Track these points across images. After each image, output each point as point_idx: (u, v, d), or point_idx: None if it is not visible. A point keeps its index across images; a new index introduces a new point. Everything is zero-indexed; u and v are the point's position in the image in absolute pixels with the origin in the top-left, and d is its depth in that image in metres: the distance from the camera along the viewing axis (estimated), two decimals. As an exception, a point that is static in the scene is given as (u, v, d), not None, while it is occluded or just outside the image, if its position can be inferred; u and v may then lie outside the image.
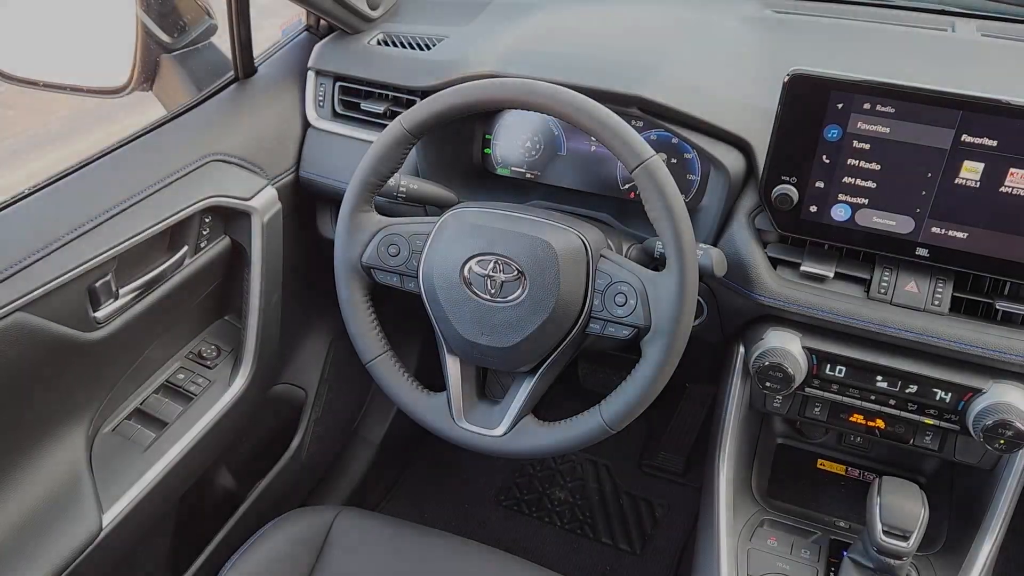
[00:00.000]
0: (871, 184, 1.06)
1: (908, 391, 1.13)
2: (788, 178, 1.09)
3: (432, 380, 1.16)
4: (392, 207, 1.32)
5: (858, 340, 1.14)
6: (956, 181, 1.02)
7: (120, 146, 1.23)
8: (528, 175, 1.41)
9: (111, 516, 1.18)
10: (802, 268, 1.13)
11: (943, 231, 1.05)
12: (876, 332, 1.11)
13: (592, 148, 1.36)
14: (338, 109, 1.45)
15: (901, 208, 1.06)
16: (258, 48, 1.44)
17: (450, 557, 1.21)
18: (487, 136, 1.42)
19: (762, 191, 1.12)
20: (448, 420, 1.12)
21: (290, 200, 1.44)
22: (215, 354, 1.41)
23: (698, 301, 1.24)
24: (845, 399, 1.18)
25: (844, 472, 1.36)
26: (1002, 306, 1.07)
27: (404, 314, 1.41)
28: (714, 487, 1.24)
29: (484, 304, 1.05)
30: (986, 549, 1.14)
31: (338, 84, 1.44)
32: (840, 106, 1.03)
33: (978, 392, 1.09)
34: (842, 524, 1.26)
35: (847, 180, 1.07)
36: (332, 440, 1.89)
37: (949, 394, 1.11)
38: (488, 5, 1.50)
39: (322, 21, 1.50)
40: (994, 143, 0.99)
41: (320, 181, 1.44)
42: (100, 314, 1.13)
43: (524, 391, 1.09)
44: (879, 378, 1.14)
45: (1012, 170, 0.99)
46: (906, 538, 1.02)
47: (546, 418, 1.10)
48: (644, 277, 1.02)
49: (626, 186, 1.35)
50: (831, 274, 1.12)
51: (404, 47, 1.41)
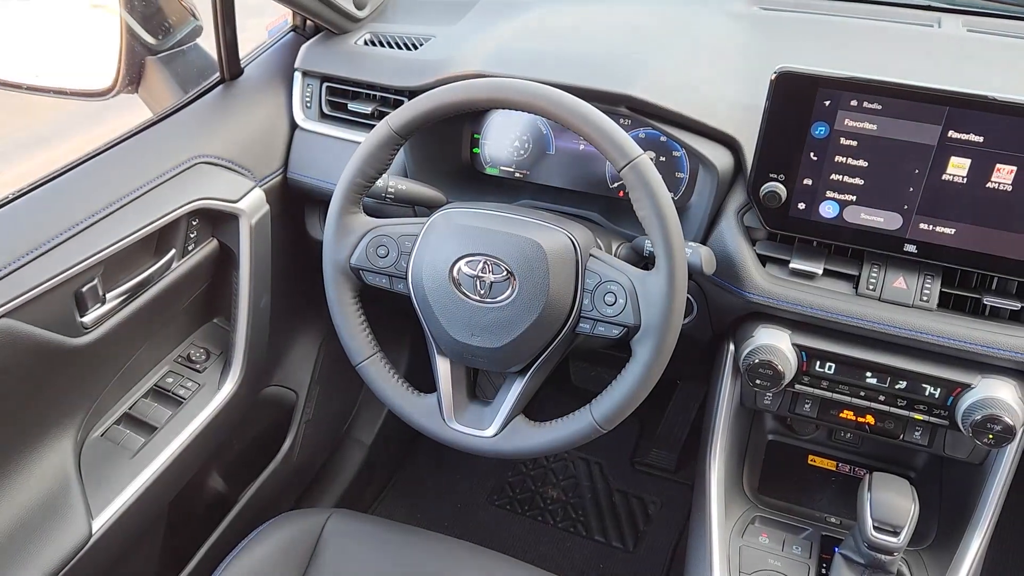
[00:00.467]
0: (859, 181, 1.06)
1: (897, 387, 1.14)
2: (776, 175, 1.09)
3: (423, 381, 1.16)
4: (380, 208, 1.32)
5: (847, 336, 1.14)
6: (943, 177, 1.02)
7: (105, 149, 1.22)
8: (517, 174, 1.41)
9: (101, 522, 1.17)
10: (791, 265, 1.13)
11: (931, 227, 1.05)
12: (865, 328, 1.11)
13: (581, 147, 1.36)
14: (325, 110, 1.44)
15: (889, 205, 1.06)
16: (244, 49, 1.43)
17: (443, 558, 1.21)
18: (475, 136, 1.42)
19: (750, 189, 1.12)
20: (439, 421, 1.12)
21: (278, 202, 1.43)
22: (204, 357, 1.41)
23: (688, 299, 1.24)
24: (835, 395, 1.18)
25: (835, 468, 1.37)
26: (990, 301, 1.07)
27: (394, 315, 1.41)
28: (705, 484, 1.24)
29: (474, 305, 1.05)
30: (976, 543, 1.14)
31: (325, 85, 1.43)
32: (827, 103, 1.03)
33: (967, 387, 1.10)
34: (833, 520, 1.27)
35: (835, 177, 1.07)
36: (323, 442, 1.88)
37: (938, 389, 1.12)
38: (475, 4, 1.49)
39: (308, 21, 1.49)
40: (980, 139, 0.99)
41: (308, 182, 1.44)
42: (87, 319, 1.12)
43: (515, 391, 1.09)
44: (868, 374, 1.14)
45: (998, 166, 1.00)
46: (897, 533, 1.02)
47: (538, 417, 1.10)
48: (633, 276, 1.02)
49: (615, 185, 1.35)
50: (820, 271, 1.12)
51: (391, 47, 1.41)
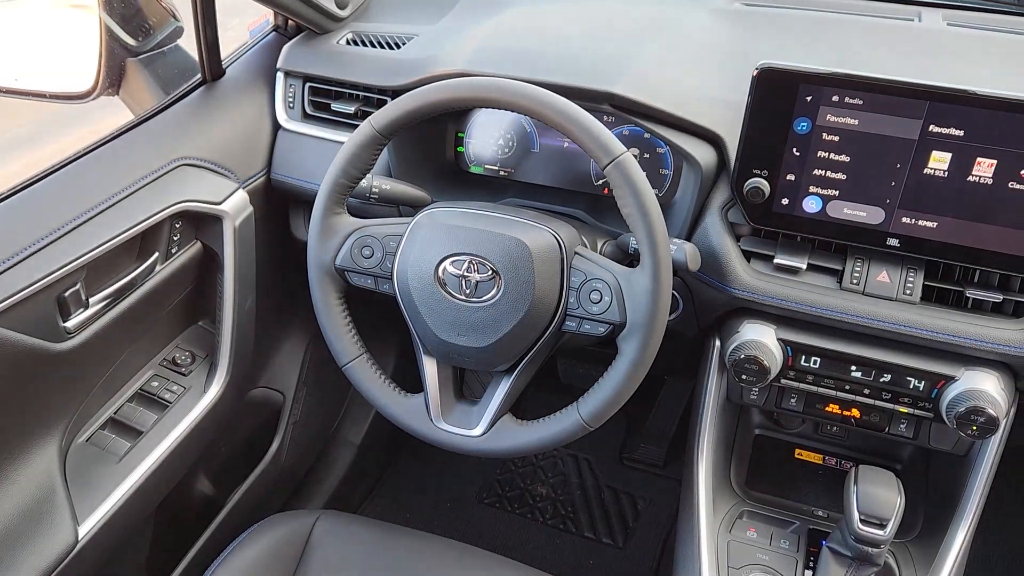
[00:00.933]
0: (841, 176, 1.07)
1: (882, 380, 1.14)
2: (759, 171, 1.10)
3: (411, 381, 1.16)
4: (365, 208, 1.31)
5: (832, 331, 1.15)
6: (925, 171, 1.03)
7: (86, 152, 1.21)
8: (502, 173, 1.41)
9: (87, 528, 1.17)
10: (775, 260, 1.14)
11: (913, 221, 1.06)
12: (849, 322, 1.11)
13: (565, 145, 1.35)
14: (308, 110, 1.43)
15: (871, 199, 1.07)
16: (225, 49, 1.42)
17: (432, 558, 1.21)
18: (460, 134, 1.41)
19: (734, 185, 1.12)
20: (426, 421, 1.11)
21: (262, 203, 1.43)
22: (190, 360, 1.40)
23: (673, 296, 1.24)
24: (820, 389, 1.18)
25: (822, 461, 1.38)
26: (972, 294, 1.08)
27: (381, 315, 1.40)
28: (693, 480, 1.24)
29: (459, 304, 1.05)
30: (962, 534, 1.15)
31: (308, 85, 1.42)
32: (809, 99, 1.04)
33: (951, 380, 1.11)
34: (820, 513, 1.27)
35: (817, 172, 1.07)
36: (311, 443, 1.88)
37: (922, 382, 1.12)
38: (457, 2, 1.49)
39: (290, 21, 1.49)
40: (961, 133, 1.00)
41: (292, 183, 1.43)
42: (70, 324, 1.11)
43: (502, 390, 1.09)
44: (853, 368, 1.15)
45: (979, 159, 1.00)
46: (883, 526, 1.03)
47: (526, 415, 1.10)
48: (618, 273, 1.02)
49: (600, 182, 1.35)
50: (804, 266, 1.13)
51: (374, 46, 1.40)
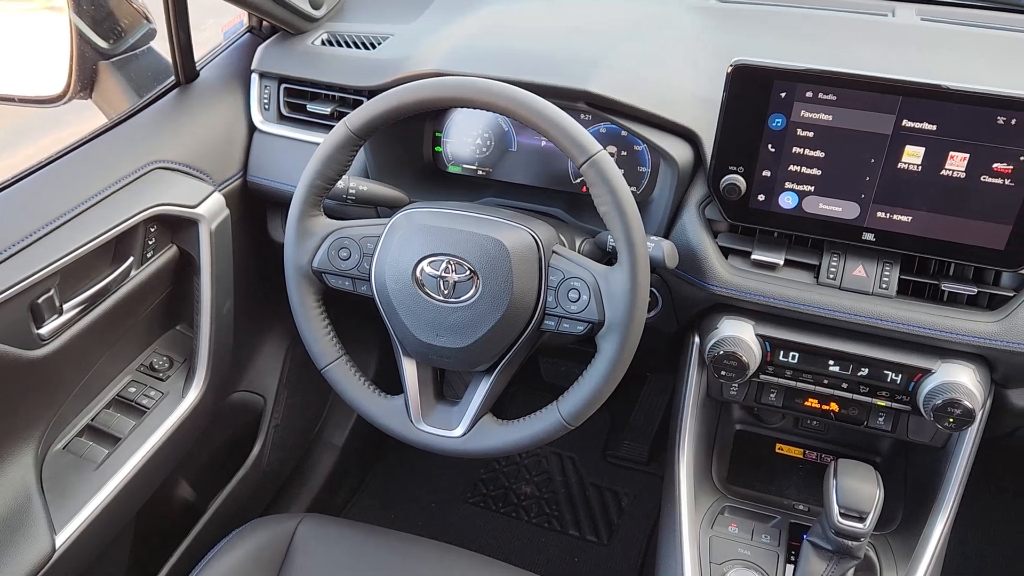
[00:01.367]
0: (816, 171, 1.07)
1: (860, 374, 1.15)
2: (735, 168, 1.10)
3: (393, 382, 1.15)
4: (343, 210, 1.30)
5: (810, 326, 1.15)
6: (898, 166, 1.04)
7: (58, 157, 1.20)
8: (480, 172, 1.40)
9: (64, 536, 1.15)
10: (753, 256, 1.14)
11: (888, 215, 1.07)
12: (827, 317, 1.12)
13: (542, 143, 1.35)
14: (284, 111, 1.42)
15: (846, 194, 1.07)
16: (199, 51, 1.41)
17: (416, 559, 1.20)
18: (437, 134, 1.41)
19: (710, 181, 1.12)
20: (406, 423, 1.11)
21: (239, 206, 1.42)
22: (167, 365, 1.39)
23: (652, 293, 1.24)
24: (799, 384, 1.19)
25: (802, 455, 1.38)
26: (947, 287, 1.09)
27: (362, 317, 1.40)
28: (674, 477, 1.24)
29: (438, 305, 1.04)
30: (940, 525, 1.16)
31: (283, 86, 1.41)
32: (783, 95, 1.04)
33: (927, 372, 1.11)
34: (801, 507, 1.28)
35: (793, 168, 1.08)
36: (294, 446, 1.87)
37: (900, 375, 1.13)
38: (433, 1, 1.48)
39: (265, 22, 1.47)
40: (933, 127, 1.01)
41: (269, 185, 1.42)
42: (44, 331, 1.10)
43: (482, 391, 1.09)
44: (831, 362, 1.16)
45: (952, 153, 1.01)
46: (863, 519, 1.03)
47: (509, 414, 1.09)
48: (596, 272, 1.02)
49: (577, 180, 1.35)
50: (781, 261, 1.13)
51: (349, 47, 1.39)
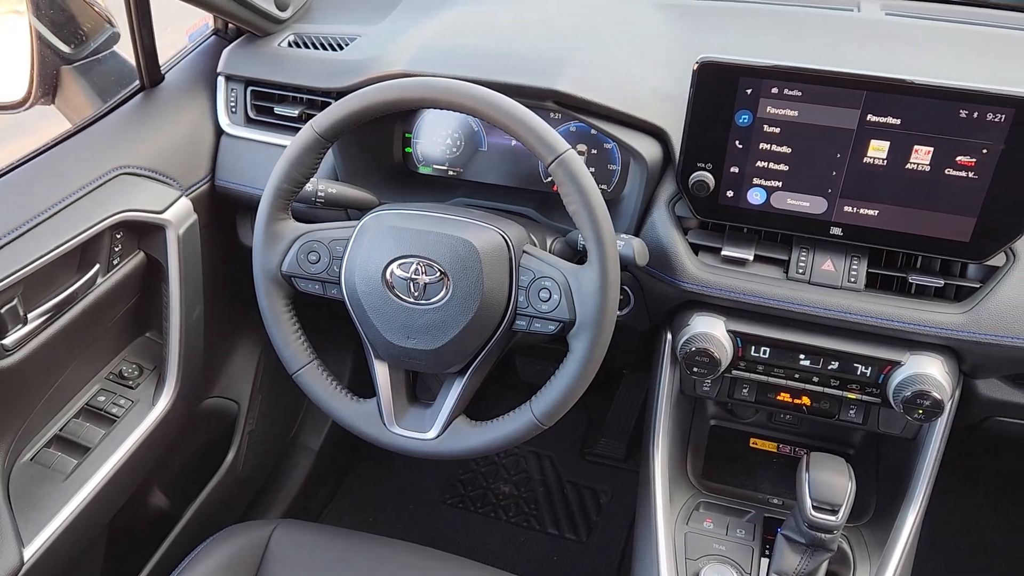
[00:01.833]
0: (784, 167, 1.08)
1: (830, 367, 1.16)
2: (703, 165, 1.10)
3: (369, 385, 1.14)
4: (313, 213, 1.29)
5: (780, 320, 1.16)
6: (864, 160, 1.04)
7: (21, 163, 1.18)
8: (451, 172, 1.40)
9: (33, 549, 1.13)
10: (723, 253, 1.14)
11: (855, 209, 1.08)
12: (797, 312, 1.13)
13: (513, 143, 1.35)
14: (251, 114, 1.41)
15: (813, 189, 1.08)
16: (164, 55, 1.39)
17: (392, 563, 1.20)
18: (407, 135, 1.40)
19: (679, 178, 1.13)
20: (379, 426, 1.10)
21: (207, 210, 1.40)
22: (137, 373, 1.37)
23: (624, 291, 1.24)
24: (771, 379, 1.20)
25: (776, 449, 1.39)
26: (915, 280, 1.10)
27: (337, 320, 1.38)
28: (650, 474, 1.25)
29: (408, 307, 1.04)
30: (912, 516, 1.17)
31: (250, 89, 1.40)
32: (749, 91, 1.05)
33: (897, 365, 1.12)
34: (776, 501, 1.29)
35: (760, 164, 1.08)
36: (269, 451, 1.85)
37: (869, 368, 1.14)
38: (400, 2, 1.48)
39: (230, 25, 1.46)
40: (898, 121, 1.01)
41: (237, 189, 1.41)
42: (8, 341, 1.08)
43: (455, 392, 1.08)
44: (802, 356, 1.16)
45: (916, 147, 1.02)
46: (835, 512, 1.04)
47: (484, 414, 1.09)
48: (567, 271, 1.02)
49: (548, 180, 1.35)
50: (751, 257, 1.14)
51: (316, 48, 1.38)
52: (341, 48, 1.37)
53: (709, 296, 1.16)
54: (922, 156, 1.02)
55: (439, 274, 1.02)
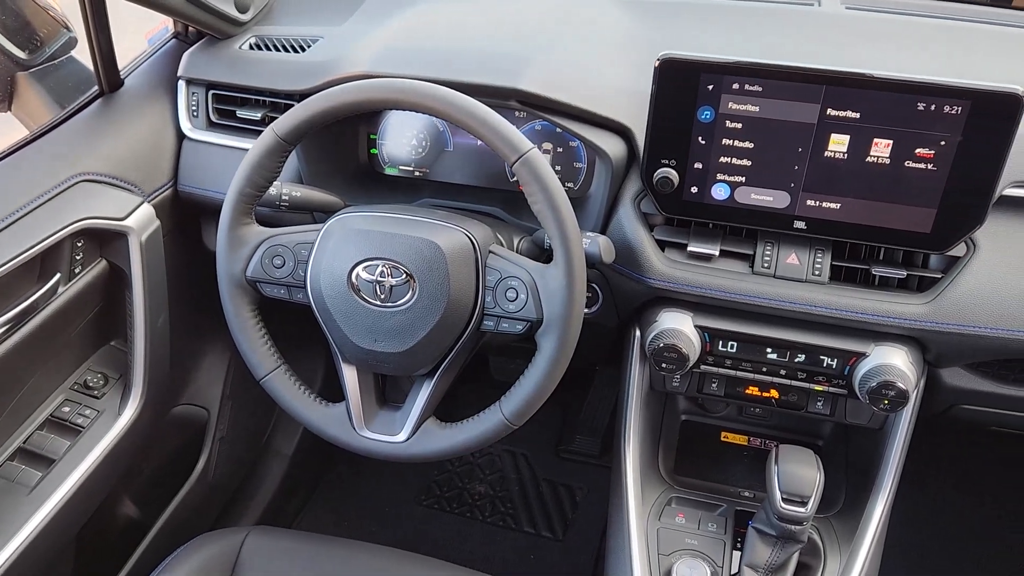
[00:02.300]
0: (746, 162, 1.08)
1: (797, 360, 1.17)
2: (667, 161, 1.11)
3: (340, 390, 1.14)
4: (278, 217, 1.28)
5: (747, 315, 1.17)
6: (825, 154, 1.05)
7: (-24, 172, 1.16)
8: (417, 173, 1.39)
9: None
10: (689, 248, 1.15)
11: (817, 203, 1.08)
12: (763, 305, 1.14)
13: (478, 143, 1.35)
14: (213, 118, 1.39)
15: (776, 184, 1.09)
16: (123, 59, 1.37)
17: (366, 568, 1.19)
18: (372, 136, 1.39)
19: (643, 175, 1.13)
20: (349, 430, 1.10)
21: (171, 216, 1.38)
22: (102, 383, 1.35)
23: (592, 288, 1.25)
24: (739, 373, 1.20)
25: (746, 443, 1.40)
26: (878, 271, 1.11)
27: (307, 325, 1.37)
28: (622, 471, 1.25)
29: (375, 310, 1.03)
30: (880, 505, 1.19)
31: (211, 92, 1.38)
32: (711, 88, 1.05)
33: (862, 356, 1.14)
34: (747, 494, 1.29)
35: (723, 160, 1.09)
36: (241, 458, 1.83)
37: (835, 360, 1.15)
38: (362, 3, 1.47)
39: (191, 28, 1.44)
40: (857, 115, 1.02)
41: (201, 194, 1.39)
42: (-34, 353, 1.07)
43: (424, 394, 1.08)
44: (769, 350, 1.17)
45: (876, 140, 1.03)
46: (804, 503, 1.05)
47: (457, 414, 1.09)
48: (533, 270, 1.01)
49: (514, 179, 1.35)
50: (716, 252, 1.14)
51: (278, 50, 1.37)
52: (303, 50, 1.35)
53: (676, 292, 1.16)
54: (882, 149, 1.03)
55: (405, 276, 1.02)
